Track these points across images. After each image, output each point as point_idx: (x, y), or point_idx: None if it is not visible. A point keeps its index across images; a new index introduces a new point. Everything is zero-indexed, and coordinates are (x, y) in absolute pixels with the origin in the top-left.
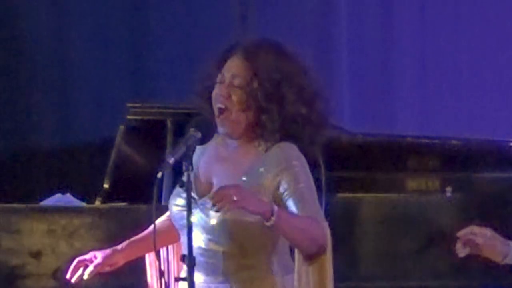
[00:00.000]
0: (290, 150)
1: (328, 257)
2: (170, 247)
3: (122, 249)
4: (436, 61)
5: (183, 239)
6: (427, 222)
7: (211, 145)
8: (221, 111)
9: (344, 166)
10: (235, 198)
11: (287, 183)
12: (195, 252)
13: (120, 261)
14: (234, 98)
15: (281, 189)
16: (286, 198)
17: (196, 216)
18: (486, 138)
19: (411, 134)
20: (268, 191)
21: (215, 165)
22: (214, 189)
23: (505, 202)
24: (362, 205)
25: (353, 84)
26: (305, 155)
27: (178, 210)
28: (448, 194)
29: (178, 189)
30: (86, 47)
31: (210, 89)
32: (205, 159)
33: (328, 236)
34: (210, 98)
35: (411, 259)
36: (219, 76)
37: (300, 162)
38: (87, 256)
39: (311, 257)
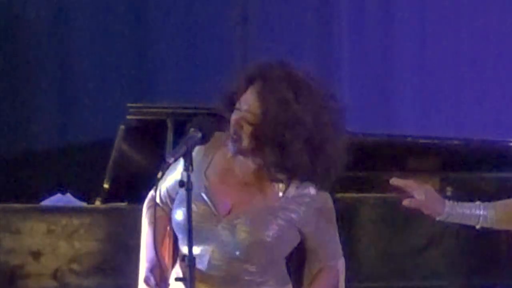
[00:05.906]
0: (306, 190)
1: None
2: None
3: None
4: (436, 61)
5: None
6: (427, 222)
7: (218, 155)
8: (234, 136)
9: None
10: None
11: (311, 227)
12: (212, 267)
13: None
14: (245, 128)
15: (307, 230)
16: (309, 240)
17: (221, 233)
18: (486, 138)
19: (411, 134)
20: (295, 228)
21: (233, 188)
22: (236, 212)
23: None
24: (362, 205)
25: (353, 83)
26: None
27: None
28: (448, 194)
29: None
30: (86, 47)
31: (231, 102)
32: (216, 172)
33: (342, 272)
34: (230, 109)
35: (411, 259)
36: (237, 103)
37: (318, 203)
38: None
39: None
